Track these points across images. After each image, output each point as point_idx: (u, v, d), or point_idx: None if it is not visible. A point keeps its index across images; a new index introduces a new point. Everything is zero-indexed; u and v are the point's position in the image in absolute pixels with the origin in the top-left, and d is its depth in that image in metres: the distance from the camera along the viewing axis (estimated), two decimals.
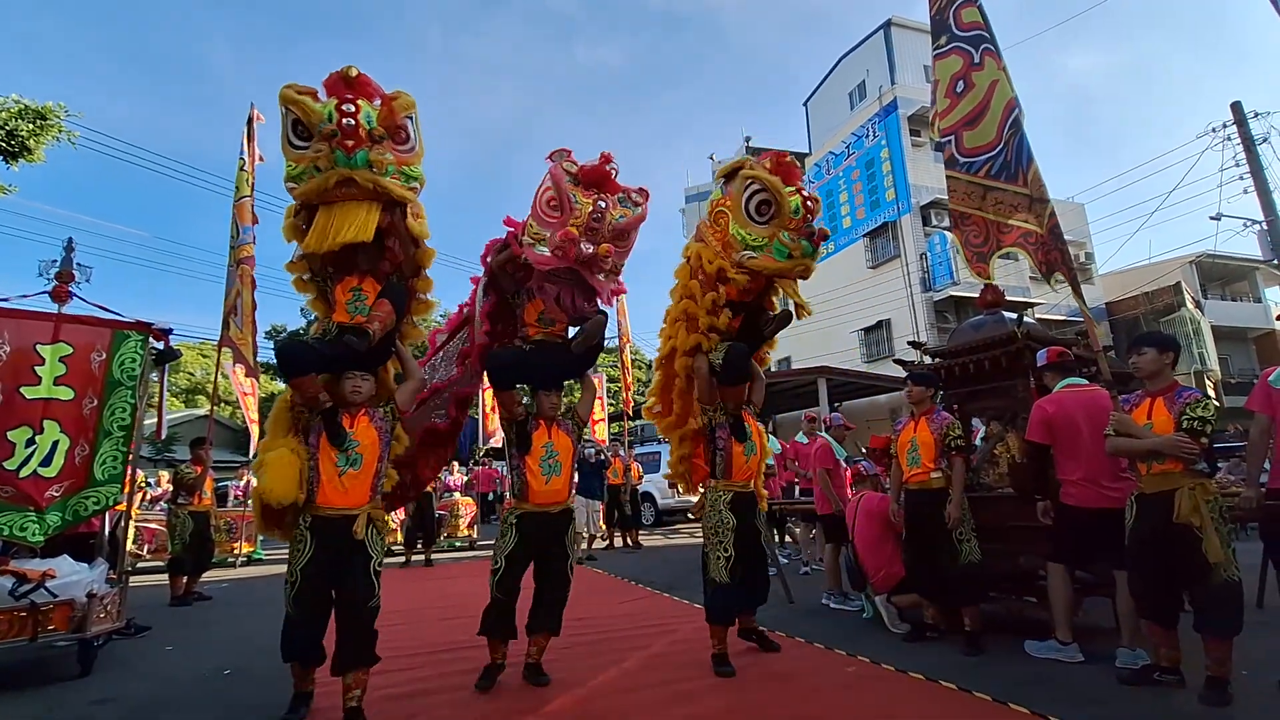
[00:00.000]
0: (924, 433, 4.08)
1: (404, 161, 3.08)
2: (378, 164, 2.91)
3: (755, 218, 3.62)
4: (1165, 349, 3.13)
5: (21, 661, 3.98)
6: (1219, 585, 2.79)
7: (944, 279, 19.99)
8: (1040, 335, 4.36)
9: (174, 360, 4.83)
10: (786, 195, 3.53)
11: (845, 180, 24.03)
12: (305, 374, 2.92)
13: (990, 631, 3.92)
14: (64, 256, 4.50)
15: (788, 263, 3.59)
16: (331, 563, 2.87)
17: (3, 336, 4.03)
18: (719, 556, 3.67)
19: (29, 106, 8.40)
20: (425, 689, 3.39)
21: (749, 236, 3.62)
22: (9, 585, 3.66)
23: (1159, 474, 2.96)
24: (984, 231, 4.18)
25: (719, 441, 3.84)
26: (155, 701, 3.37)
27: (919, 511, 4.07)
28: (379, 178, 2.93)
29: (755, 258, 3.61)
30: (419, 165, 3.17)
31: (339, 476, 2.90)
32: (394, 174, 3.01)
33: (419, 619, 5.17)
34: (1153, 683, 3.00)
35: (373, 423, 3.05)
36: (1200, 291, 22.99)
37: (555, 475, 3.49)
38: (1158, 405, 3.05)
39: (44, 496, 3.98)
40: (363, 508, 2.95)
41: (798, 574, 6.86)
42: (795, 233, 3.55)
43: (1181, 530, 2.84)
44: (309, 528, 2.89)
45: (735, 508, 3.76)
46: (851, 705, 3.05)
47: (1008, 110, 3.92)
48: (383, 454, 3.07)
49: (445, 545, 10.57)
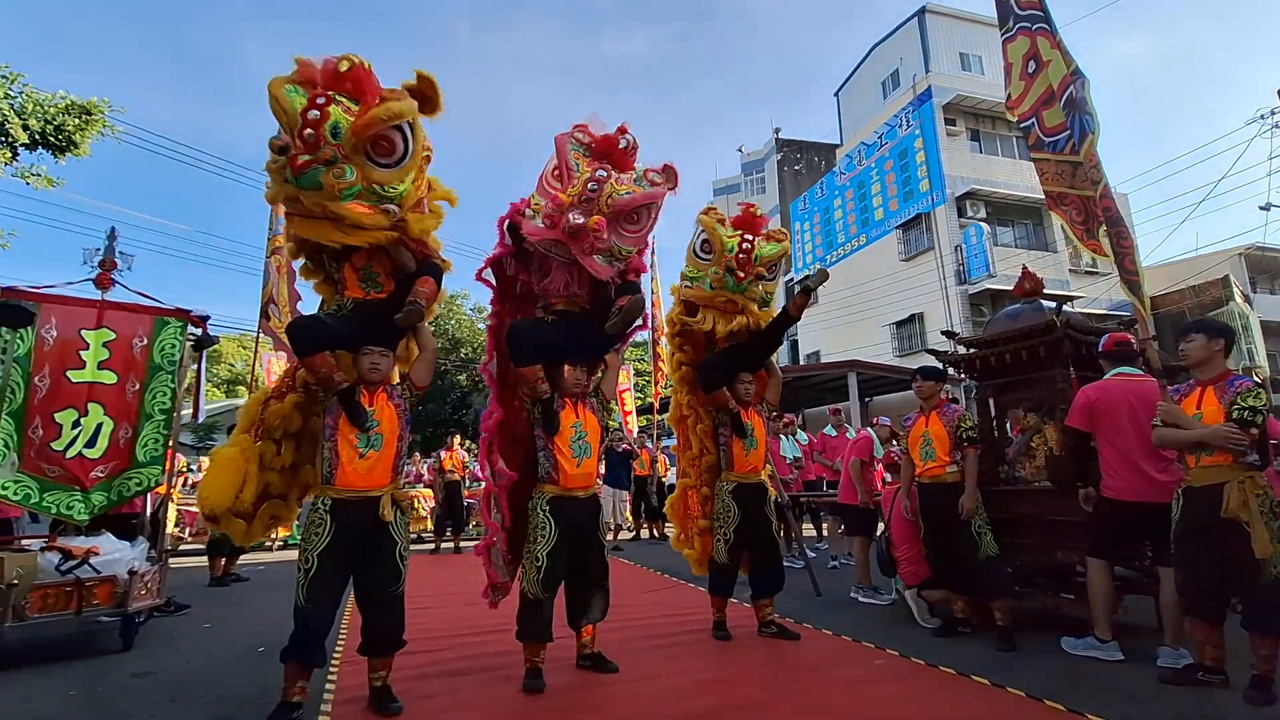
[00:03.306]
0: (936, 426, 4.06)
1: (379, 179, 2.73)
2: (330, 186, 2.61)
3: (700, 255, 4.13)
4: (1215, 336, 2.99)
5: (67, 635, 4.12)
6: (1269, 582, 2.68)
7: (979, 271, 19.52)
8: (1081, 325, 4.22)
9: (212, 346, 4.95)
10: (724, 236, 4.00)
11: (878, 171, 23.54)
12: (318, 351, 2.78)
13: (1026, 628, 3.83)
14: (107, 245, 4.58)
15: (709, 292, 4.05)
16: (351, 548, 2.76)
17: (50, 322, 4.17)
18: (720, 539, 4.07)
19: (75, 102, 8.68)
20: (449, 670, 3.43)
21: (690, 271, 4.18)
22: (55, 561, 3.80)
23: (1208, 466, 2.85)
24: (1083, 208, 4.03)
25: (721, 437, 4.18)
26: (193, 676, 3.46)
27: (935, 504, 4.03)
28: (330, 203, 2.65)
29: (689, 288, 4.18)
30: (404, 179, 2.82)
31: (359, 458, 2.79)
32: (359, 193, 2.70)
33: (446, 603, 5.25)
34: (1196, 682, 2.89)
35: (391, 400, 2.94)
36: (1249, 285, 22.11)
37: (586, 457, 3.35)
38: (1208, 395, 2.93)
39: (89, 477, 4.12)
40: (385, 489, 2.85)
41: (826, 567, 6.79)
42: (723, 270, 3.98)
43: (1230, 524, 2.73)
44: (328, 511, 2.75)
45: (738, 497, 4.04)
46: (879, 698, 3.00)
47: (1062, 88, 3.80)
48: (402, 433, 2.96)
49: (474, 533, 10.68)
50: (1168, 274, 22.22)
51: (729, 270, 3.95)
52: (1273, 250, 20.90)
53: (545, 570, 3.16)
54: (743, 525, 4.01)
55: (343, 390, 2.84)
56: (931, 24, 23.09)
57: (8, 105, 8.23)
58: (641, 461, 10.33)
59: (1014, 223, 21.53)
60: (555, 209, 3.08)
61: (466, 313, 26.52)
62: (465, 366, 25.34)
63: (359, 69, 2.69)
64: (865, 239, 23.67)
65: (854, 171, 24.59)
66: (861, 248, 23.73)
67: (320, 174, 2.60)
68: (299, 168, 2.57)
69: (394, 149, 2.76)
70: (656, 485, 10.48)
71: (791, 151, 31.86)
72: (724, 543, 4.02)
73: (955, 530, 3.88)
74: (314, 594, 2.69)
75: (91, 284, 4.44)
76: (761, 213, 4.27)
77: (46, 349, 4.12)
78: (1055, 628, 3.80)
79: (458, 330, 25.42)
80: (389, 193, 2.77)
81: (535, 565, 3.18)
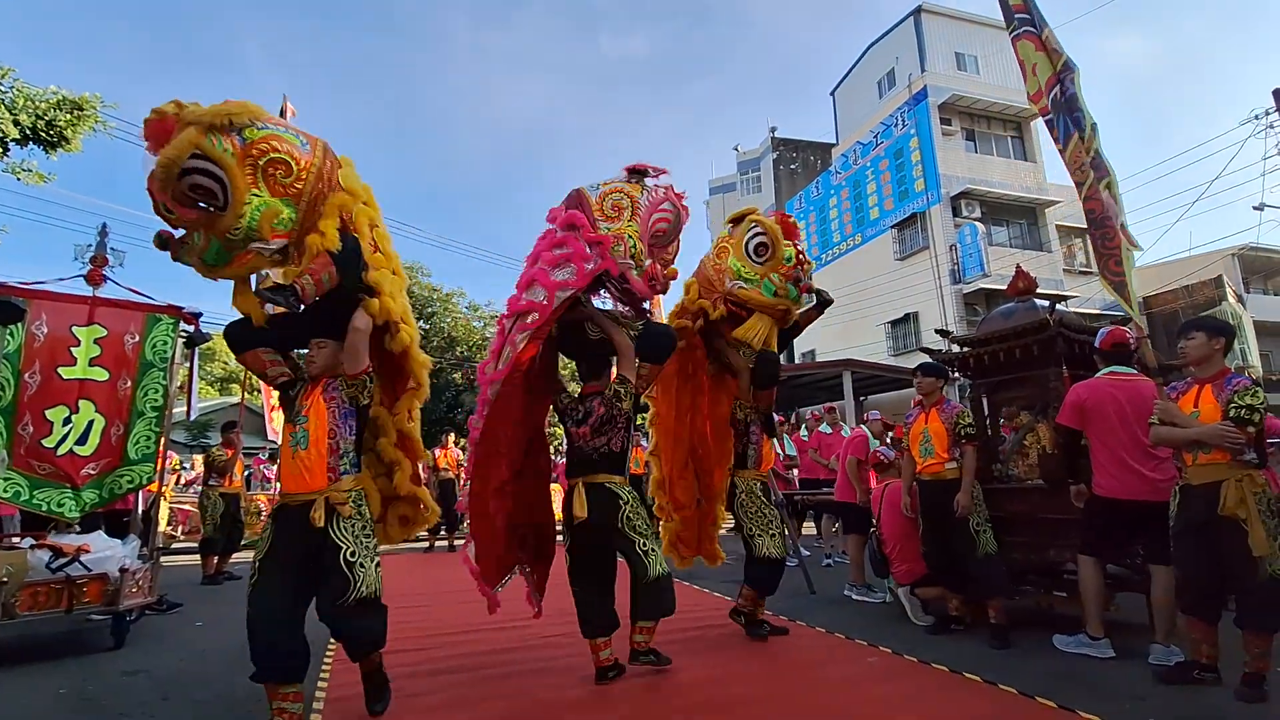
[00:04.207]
0: (935, 423, 4.06)
1: (220, 230, 2.47)
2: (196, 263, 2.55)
3: (753, 257, 4.08)
4: (1215, 334, 3.00)
5: (58, 633, 4.11)
6: (1266, 580, 2.70)
7: (974, 271, 19.57)
8: (1074, 324, 4.23)
9: (204, 343, 4.93)
10: (784, 244, 4.04)
11: (873, 170, 23.63)
12: (245, 351, 2.77)
13: (1018, 626, 3.84)
14: (98, 241, 4.56)
15: (772, 299, 4.02)
16: (294, 556, 2.55)
17: (41, 319, 4.15)
18: (771, 534, 3.95)
19: (66, 97, 8.60)
20: (439, 669, 3.42)
21: (744, 270, 4.08)
22: (46, 558, 3.77)
23: (1205, 465, 2.86)
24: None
25: (752, 436, 4.13)
26: (185, 673, 3.45)
27: (934, 502, 4.03)
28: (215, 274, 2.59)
29: (745, 289, 4.06)
30: (246, 210, 2.43)
31: (292, 458, 2.63)
32: (220, 250, 2.52)
33: (438, 601, 5.24)
34: (1192, 680, 2.90)
35: (323, 395, 2.70)
36: (1242, 285, 22.22)
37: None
38: (1205, 393, 2.94)
39: (80, 474, 4.10)
40: (320, 492, 2.59)
41: (820, 565, 6.80)
42: (784, 277, 4.02)
43: (1228, 522, 2.74)
44: (271, 515, 2.67)
45: (765, 493, 4.06)
46: (872, 695, 3.00)
47: (1048, 88, 3.79)
48: (333, 429, 2.66)
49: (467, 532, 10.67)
50: (1161, 274, 22.29)
51: (794, 281, 4.05)
52: (1266, 250, 21.03)
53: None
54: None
55: (281, 385, 2.82)
56: (928, 23, 23.11)
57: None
58: (636, 460, 10.31)
59: (1009, 222, 21.59)
60: (666, 276, 3.72)
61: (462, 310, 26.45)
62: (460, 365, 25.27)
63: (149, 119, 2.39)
64: (860, 238, 23.77)
65: (849, 171, 24.67)
66: (857, 247, 23.83)
67: (184, 254, 2.50)
68: (174, 260, 2.52)
69: (212, 192, 2.41)
70: None
71: (787, 151, 31.90)
72: (779, 538, 4.00)
73: (954, 528, 3.88)
74: (254, 602, 2.48)
75: (83, 280, 4.42)
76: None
77: (37, 345, 4.10)
78: (1047, 625, 3.82)
79: (453, 329, 25.35)
80: (237, 234, 2.47)
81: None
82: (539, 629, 3.61)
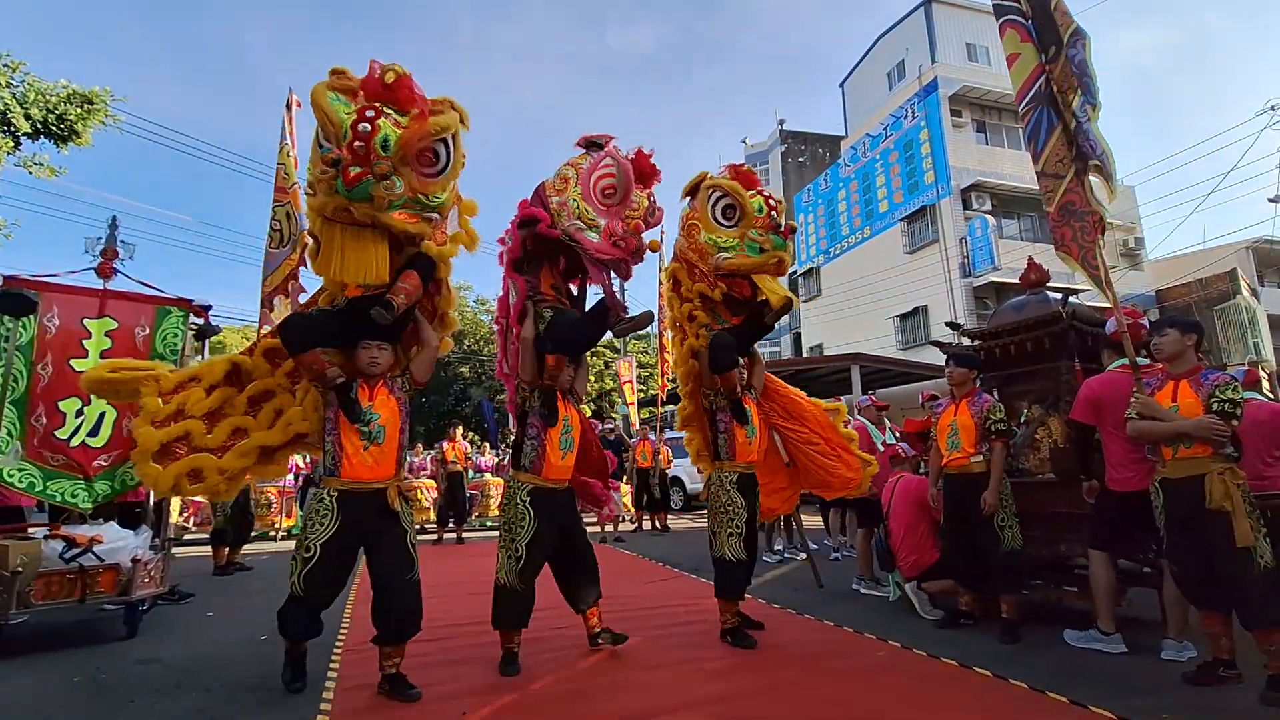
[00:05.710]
0: (964, 416, 3.96)
1: (423, 188, 2.76)
2: (380, 198, 2.63)
3: (723, 222, 3.90)
4: (1188, 331, 3.07)
5: (72, 623, 4.15)
6: (1259, 575, 2.69)
7: (984, 264, 19.41)
8: (1087, 316, 4.19)
9: (214, 335, 4.95)
10: (749, 197, 3.84)
11: (882, 163, 23.43)
12: (308, 349, 2.80)
13: (1028, 621, 3.81)
14: (108, 234, 4.59)
15: (760, 257, 3.83)
16: (357, 539, 2.85)
17: (52, 311, 4.18)
18: (731, 534, 3.71)
19: (77, 91, 8.66)
20: (453, 659, 3.45)
21: (720, 240, 3.89)
22: (59, 549, 3.81)
23: (1185, 458, 2.89)
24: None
25: (720, 425, 3.87)
26: (196, 663, 3.48)
27: (958, 496, 3.95)
28: (380, 213, 2.66)
29: (730, 258, 3.86)
30: (446, 188, 2.87)
31: (363, 450, 2.83)
32: (405, 204, 2.72)
33: (449, 593, 5.26)
34: (1219, 680, 2.85)
35: (393, 393, 2.96)
36: (1256, 279, 21.96)
37: (570, 451, 3.45)
38: (1183, 388, 2.99)
39: (92, 465, 4.13)
40: (390, 480, 2.91)
41: (828, 558, 6.79)
42: (762, 229, 3.82)
43: (1214, 515, 2.76)
44: (335, 501, 2.80)
45: (740, 487, 3.78)
46: (881, 689, 2.99)
47: (1031, 80, 3.70)
48: (403, 425, 2.98)
49: (476, 524, 10.72)
50: (1175, 267, 22.09)
51: (774, 229, 3.84)
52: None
53: (524, 562, 3.22)
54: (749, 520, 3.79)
55: (339, 385, 2.85)
56: (938, 14, 22.88)
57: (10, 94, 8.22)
58: (644, 453, 10.33)
59: (1019, 215, 21.40)
60: (628, 232, 3.39)
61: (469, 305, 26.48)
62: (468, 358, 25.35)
63: (404, 80, 2.69)
64: (870, 231, 23.57)
65: (859, 163, 24.47)
66: (866, 240, 23.65)
67: (371, 186, 2.60)
68: (351, 180, 2.56)
69: (437, 159, 2.81)
70: (660, 477, 10.48)
71: (795, 143, 31.70)
72: (736, 537, 3.70)
73: (978, 523, 3.78)
74: (312, 582, 2.75)
75: (93, 273, 4.45)
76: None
77: (49, 337, 4.14)
78: (1058, 620, 3.79)
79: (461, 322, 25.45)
80: (432, 202, 2.80)
81: (514, 557, 3.24)
82: (550, 621, 3.62)
